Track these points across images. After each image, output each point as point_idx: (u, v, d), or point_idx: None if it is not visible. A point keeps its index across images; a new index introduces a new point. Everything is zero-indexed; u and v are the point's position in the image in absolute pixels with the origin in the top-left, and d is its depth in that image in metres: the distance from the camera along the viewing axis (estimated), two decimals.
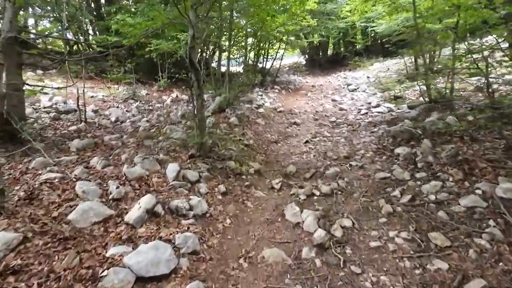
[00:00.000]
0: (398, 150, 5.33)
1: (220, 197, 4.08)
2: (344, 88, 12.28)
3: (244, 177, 4.74)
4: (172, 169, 4.16)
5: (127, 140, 5.67)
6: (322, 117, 8.47)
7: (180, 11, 4.53)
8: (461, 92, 7.49)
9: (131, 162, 4.34)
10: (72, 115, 6.77)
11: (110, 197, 3.49)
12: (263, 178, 4.91)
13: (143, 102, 9.48)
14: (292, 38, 12.11)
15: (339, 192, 4.29)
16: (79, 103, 6.65)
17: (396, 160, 5.17)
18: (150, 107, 8.93)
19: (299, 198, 4.17)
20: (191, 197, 3.77)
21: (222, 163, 4.82)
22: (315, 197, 4.21)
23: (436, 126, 5.63)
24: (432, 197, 3.83)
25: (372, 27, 13.04)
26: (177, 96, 10.66)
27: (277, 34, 9.22)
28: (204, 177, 4.30)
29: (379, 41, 19.22)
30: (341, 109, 9.03)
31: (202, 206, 3.62)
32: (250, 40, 12.68)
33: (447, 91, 7.05)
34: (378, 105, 8.39)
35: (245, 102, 9.39)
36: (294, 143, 6.60)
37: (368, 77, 13.38)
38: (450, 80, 7.06)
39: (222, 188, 4.21)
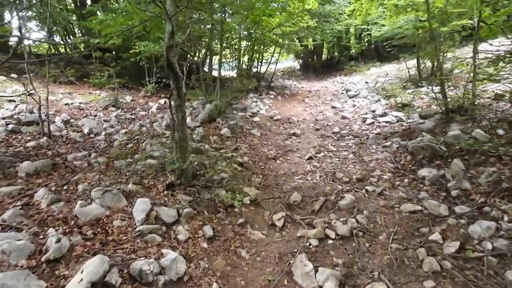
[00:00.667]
0: (423, 172, 4.28)
1: (205, 244, 2.94)
2: (343, 94, 11.27)
3: (237, 210, 3.62)
4: (141, 207, 3.01)
5: (95, 160, 4.50)
6: (324, 127, 7.41)
7: (155, 0, 3.42)
8: (477, 100, 6.51)
9: (88, 197, 3.19)
10: (36, 127, 5.57)
11: (44, 258, 2.34)
12: (261, 210, 3.80)
13: (126, 109, 8.29)
14: (287, 42, 11.04)
15: (360, 233, 3.21)
16: (45, 112, 5.45)
17: (421, 185, 4.11)
18: (133, 116, 7.75)
19: (310, 245, 3.07)
20: (164, 251, 2.63)
21: (209, 192, 3.69)
22: (330, 242, 3.11)
23: (463, 142, 4.60)
24: (488, 245, 2.77)
25: (370, 30, 12.09)
26: (165, 102, 9.49)
27: (273, 36, 8.19)
28: (184, 215, 3.16)
29: (373, 46, 18.35)
30: (343, 118, 7.99)
31: (178, 267, 2.48)
32: (244, 43, 11.61)
33: (464, 98, 6.06)
34: (384, 114, 7.38)
35: (238, 110, 8.29)
36: (296, 159, 5.51)
37: (366, 82, 12.40)
38: (469, 86, 6.06)
39: (208, 230, 3.07)
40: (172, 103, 3.70)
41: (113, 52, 11.70)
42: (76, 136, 5.63)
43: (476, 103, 6.17)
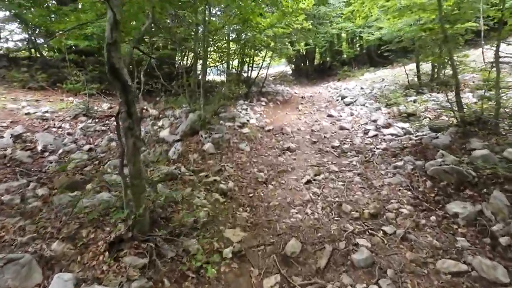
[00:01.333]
0: (454, 207, 3.24)
1: None
2: (338, 100, 10.26)
3: (213, 272, 2.51)
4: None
5: (33, 193, 3.33)
6: (321, 139, 6.35)
7: None
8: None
9: None
10: None
11: None
12: (247, 268, 2.68)
13: (99, 119, 7.09)
14: (280, 45, 9.99)
15: None
16: None
17: (455, 227, 3.07)
18: (104, 127, 6.57)
19: None
20: None
21: (175, 247, 2.57)
22: None
23: (500, 167, 3.58)
24: None
25: (365, 33, 11.14)
26: (147, 110, 8.33)
27: (265, 38, 7.14)
28: None
29: (364, 51, 17.47)
30: (341, 128, 6.95)
31: None
32: (234, 46, 10.52)
33: (483, 108, 5.07)
34: (388, 125, 6.37)
35: (226, 120, 7.17)
36: (291, 183, 4.42)
37: (361, 88, 11.42)
38: (489, 94, 5.09)
39: None
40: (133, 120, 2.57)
41: (96, 55, 10.46)
42: (23, 156, 4.43)
43: (491, 114, 5.21)
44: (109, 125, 6.77)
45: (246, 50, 9.31)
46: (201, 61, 8.41)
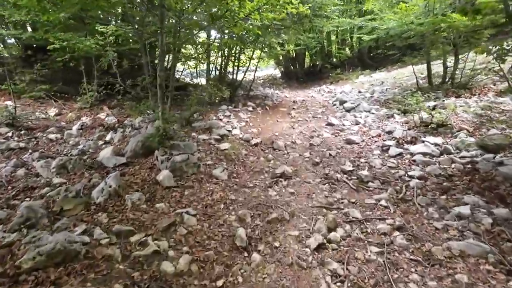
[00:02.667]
0: None
1: None
2: (335, 105, 8.37)
3: None
4: None
5: None
6: (326, 159, 4.40)
7: None
8: None
9: None
10: None
11: None
12: None
13: (28, 130, 4.95)
14: (269, 40, 8.04)
15: None
16: None
17: None
18: (32, 142, 4.44)
19: None
20: None
21: None
22: None
23: None
24: None
25: (372, 28, 9.29)
26: (107, 116, 6.21)
27: (250, 27, 5.19)
28: None
29: (355, 54, 15.71)
30: (349, 142, 5.03)
31: None
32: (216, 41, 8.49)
33: None
34: (414, 139, 4.50)
35: (200, 131, 5.15)
36: (291, 249, 2.42)
37: (360, 91, 9.60)
38: None
39: None
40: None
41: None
42: None
43: None
44: (39, 139, 4.64)
45: (229, 46, 7.31)
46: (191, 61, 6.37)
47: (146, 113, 5.53)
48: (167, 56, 5.97)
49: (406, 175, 3.58)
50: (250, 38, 7.30)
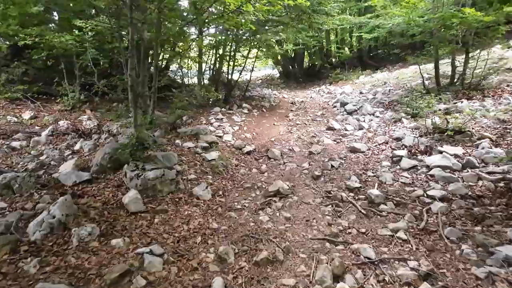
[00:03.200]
0: None
1: None
2: (336, 107, 7.67)
3: None
4: None
5: None
6: (327, 171, 3.71)
7: None
8: None
9: None
10: None
11: None
12: None
13: None
14: (264, 38, 7.35)
15: None
16: None
17: None
18: None
19: None
20: None
21: None
22: None
23: None
24: None
25: (367, 24, 8.59)
26: (88, 119, 5.52)
27: (242, 20, 4.48)
28: None
29: (353, 54, 14.96)
30: (353, 150, 4.34)
31: None
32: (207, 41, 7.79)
33: None
34: (428, 149, 3.81)
35: (186, 138, 4.45)
36: None
37: (361, 92, 8.90)
38: None
39: None
40: None
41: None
42: None
43: None
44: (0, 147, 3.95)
45: (223, 44, 6.60)
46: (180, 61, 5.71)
47: (128, 116, 4.84)
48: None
49: (425, 195, 2.90)
50: (245, 34, 6.58)
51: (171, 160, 3.41)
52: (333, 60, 15.71)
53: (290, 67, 15.63)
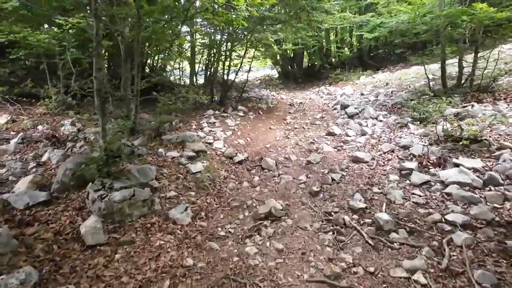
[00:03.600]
0: None
1: None
2: (336, 109, 7.14)
3: None
4: None
5: None
6: (327, 186, 3.20)
7: None
8: None
9: None
10: None
11: None
12: None
13: None
14: (260, 35, 6.82)
15: None
16: None
17: None
18: None
19: None
20: None
21: None
22: None
23: None
24: None
25: (369, 22, 8.05)
26: (72, 124, 5.01)
27: (233, 16, 3.94)
28: None
29: (353, 54, 14.38)
30: (355, 160, 3.82)
31: None
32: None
33: None
34: (442, 160, 3.30)
35: (171, 146, 3.94)
36: None
37: (362, 94, 8.37)
38: None
39: None
40: None
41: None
42: None
43: None
44: None
45: (222, 42, 6.07)
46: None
47: (109, 121, 4.34)
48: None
49: (443, 219, 2.39)
50: (240, 32, 6.05)
51: (148, 174, 2.90)
52: (333, 60, 15.16)
53: (289, 67, 15.08)
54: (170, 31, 3.63)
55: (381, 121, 5.43)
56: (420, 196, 2.80)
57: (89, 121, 5.15)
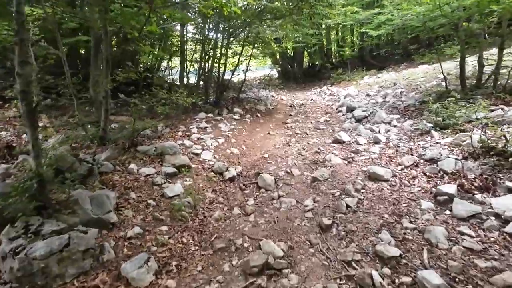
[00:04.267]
0: None
1: None
2: (341, 112, 6.30)
3: None
4: None
5: None
6: (341, 215, 2.39)
7: None
8: None
9: None
10: None
11: None
12: None
13: None
14: (257, 29, 5.96)
15: None
16: None
17: None
18: None
19: None
20: None
21: None
22: None
23: None
24: None
25: (375, 19, 7.17)
26: (43, 128, 4.19)
27: (225, 7, 3.16)
28: None
29: (355, 53, 13.49)
30: (373, 178, 3.00)
31: None
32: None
33: None
34: (490, 183, 2.48)
35: (146, 159, 3.11)
36: None
37: (368, 95, 7.51)
38: None
39: None
40: None
41: None
42: None
43: None
44: None
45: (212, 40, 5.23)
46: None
47: (75, 127, 3.52)
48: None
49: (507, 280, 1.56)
50: (236, 25, 5.20)
51: (104, 204, 2.08)
52: (334, 59, 14.30)
53: (289, 66, 14.21)
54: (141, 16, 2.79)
55: (395, 126, 4.59)
56: (472, 237, 1.97)
57: (61, 126, 4.34)
